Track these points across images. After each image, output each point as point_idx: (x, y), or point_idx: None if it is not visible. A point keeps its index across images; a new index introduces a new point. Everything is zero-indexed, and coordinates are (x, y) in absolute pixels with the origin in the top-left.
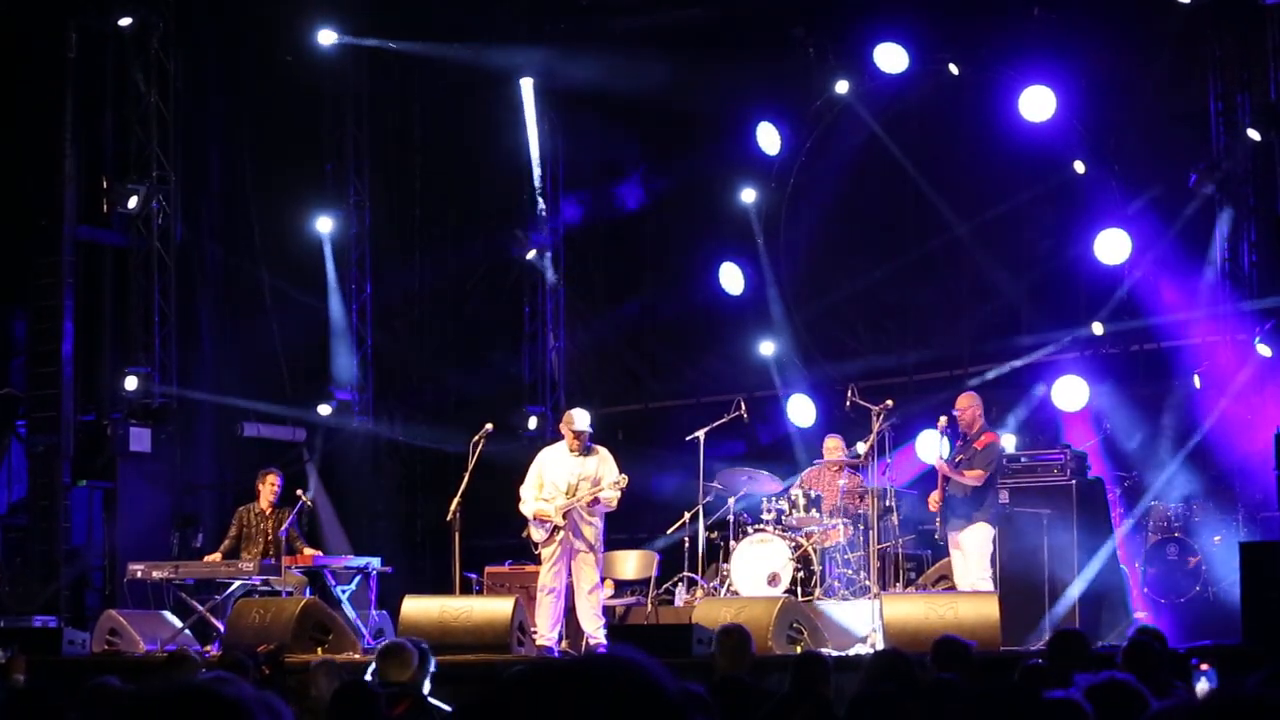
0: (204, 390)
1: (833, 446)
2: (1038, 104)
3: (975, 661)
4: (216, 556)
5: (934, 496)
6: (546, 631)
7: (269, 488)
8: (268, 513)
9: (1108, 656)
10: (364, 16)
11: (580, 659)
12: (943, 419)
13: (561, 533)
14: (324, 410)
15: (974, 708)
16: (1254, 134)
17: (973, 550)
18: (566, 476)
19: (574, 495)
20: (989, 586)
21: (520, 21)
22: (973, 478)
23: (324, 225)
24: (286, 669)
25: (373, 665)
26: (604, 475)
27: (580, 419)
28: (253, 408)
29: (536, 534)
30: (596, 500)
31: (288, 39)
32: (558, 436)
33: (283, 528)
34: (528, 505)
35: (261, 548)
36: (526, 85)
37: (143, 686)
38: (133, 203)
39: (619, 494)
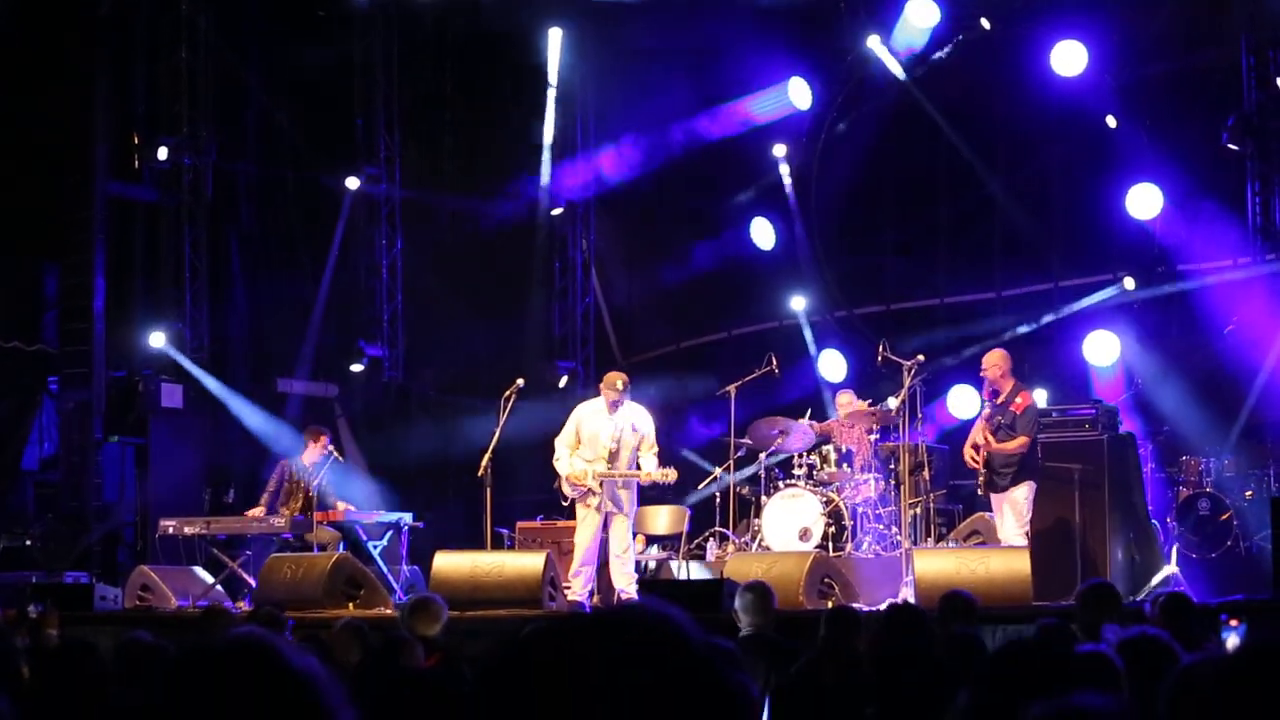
0: (238, 345)
1: (845, 402)
2: (1069, 58)
3: (979, 616)
4: (259, 511)
5: (969, 452)
6: (578, 587)
7: (319, 447)
8: (310, 469)
9: (1137, 611)
10: None
11: (604, 611)
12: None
13: (597, 497)
14: (356, 367)
15: (1000, 660)
16: None
17: (1016, 508)
18: (606, 439)
19: (613, 462)
20: (1023, 542)
21: None
22: (1018, 446)
23: (351, 184)
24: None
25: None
26: (644, 436)
27: (619, 383)
28: (286, 363)
29: (568, 490)
30: (638, 466)
31: None
32: (588, 392)
33: (314, 482)
34: (562, 463)
35: (301, 503)
36: (555, 37)
37: (188, 642)
38: (162, 154)
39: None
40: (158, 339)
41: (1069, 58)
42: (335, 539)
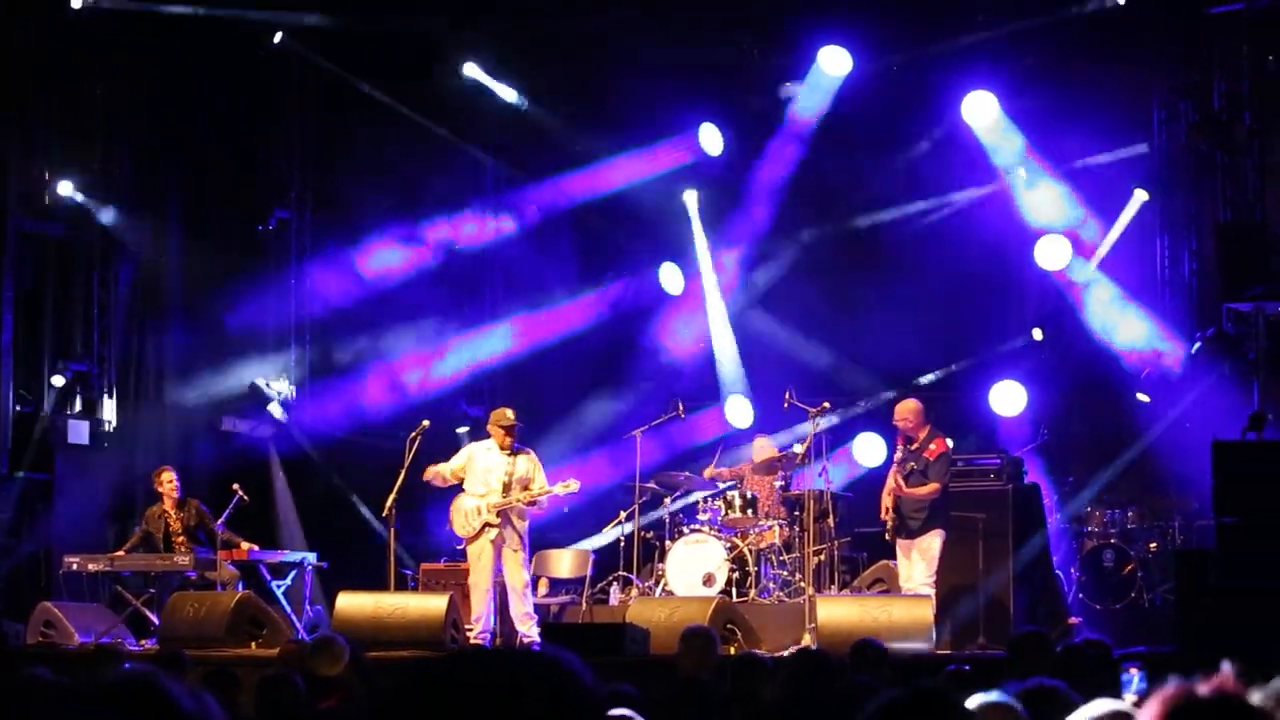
0: (157, 382)
1: (761, 445)
2: (980, 108)
3: (891, 665)
4: (120, 554)
5: (886, 504)
6: (480, 629)
7: (166, 485)
8: (171, 512)
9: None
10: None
11: (501, 656)
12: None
13: (494, 530)
14: (272, 408)
15: (893, 709)
16: (1195, 142)
17: (925, 555)
18: (499, 474)
19: (508, 494)
20: (929, 591)
21: (461, 13)
22: (929, 492)
23: (262, 224)
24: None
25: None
26: (534, 478)
27: (509, 416)
28: (206, 402)
29: (461, 529)
30: (533, 503)
31: (238, 33)
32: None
33: (219, 522)
34: (432, 470)
35: (167, 548)
36: (472, 72)
37: (79, 681)
38: (65, 189)
39: (548, 499)
40: (58, 380)
41: (980, 107)
42: (235, 578)
